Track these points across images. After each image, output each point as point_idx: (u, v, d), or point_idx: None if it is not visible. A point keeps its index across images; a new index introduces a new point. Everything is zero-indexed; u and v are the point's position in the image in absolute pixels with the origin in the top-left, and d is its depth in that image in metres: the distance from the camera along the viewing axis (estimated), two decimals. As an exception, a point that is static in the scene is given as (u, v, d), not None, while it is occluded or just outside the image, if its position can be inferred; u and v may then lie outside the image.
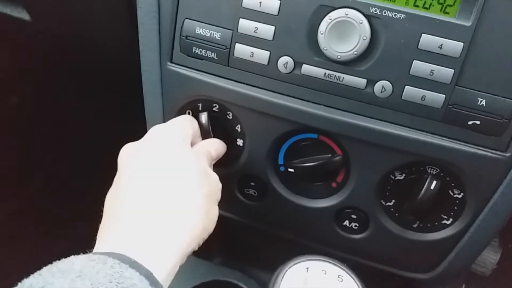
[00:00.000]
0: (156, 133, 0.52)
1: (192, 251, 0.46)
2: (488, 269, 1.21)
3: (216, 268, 0.80)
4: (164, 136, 0.52)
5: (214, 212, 0.50)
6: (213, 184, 0.52)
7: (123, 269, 0.38)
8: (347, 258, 0.60)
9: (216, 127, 0.60)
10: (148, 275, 0.39)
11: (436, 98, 0.49)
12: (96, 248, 0.42)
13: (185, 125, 0.55)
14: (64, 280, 0.35)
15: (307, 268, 0.45)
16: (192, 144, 0.54)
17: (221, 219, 0.71)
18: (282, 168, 0.61)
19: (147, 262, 0.40)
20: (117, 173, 0.49)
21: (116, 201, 0.46)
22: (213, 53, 0.56)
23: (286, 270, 0.45)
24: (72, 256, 0.39)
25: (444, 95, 0.49)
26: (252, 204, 0.65)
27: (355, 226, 0.60)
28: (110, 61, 0.78)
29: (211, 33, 0.55)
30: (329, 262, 0.45)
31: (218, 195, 0.53)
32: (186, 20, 0.56)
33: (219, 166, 0.64)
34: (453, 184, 0.54)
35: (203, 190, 0.48)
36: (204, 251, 0.80)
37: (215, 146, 0.58)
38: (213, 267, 0.79)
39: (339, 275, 0.44)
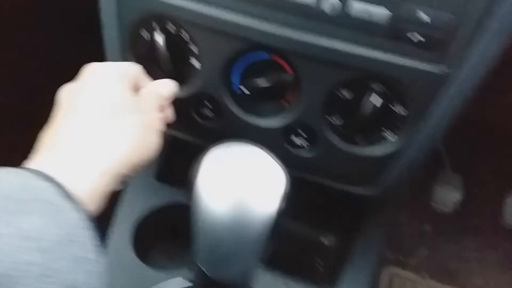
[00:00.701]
0: (92, 71, 0.52)
1: (123, 176, 0.47)
2: (449, 208, 1.26)
3: (176, 191, 0.82)
4: (99, 74, 0.51)
5: (152, 141, 0.51)
6: (150, 114, 0.52)
7: (30, 178, 0.37)
8: (296, 175, 0.62)
9: (171, 48, 0.60)
10: (59, 186, 0.38)
11: (382, 13, 0.50)
12: None
13: (124, 65, 0.55)
14: None
15: (232, 150, 0.47)
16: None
17: (179, 142, 0.73)
18: (236, 89, 0.63)
19: (63, 177, 0.40)
20: (54, 113, 0.49)
21: (48, 139, 0.46)
22: (164, -30, 0.56)
23: (211, 151, 0.47)
24: None
25: (390, 11, 0.50)
26: (208, 125, 0.67)
27: (304, 142, 0.63)
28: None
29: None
30: (251, 145, 0.47)
31: (156, 125, 0.53)
32: None
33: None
34: (396, 100, 0.56)
35: (136, 119, 0.49)
36: (168, 176, 0.83)
37: (166, 87, 0.58)
38: (173, 190, 0.81)
39: (258, 155, 0.46)
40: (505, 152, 1.16)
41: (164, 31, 0.60)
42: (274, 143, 0.63)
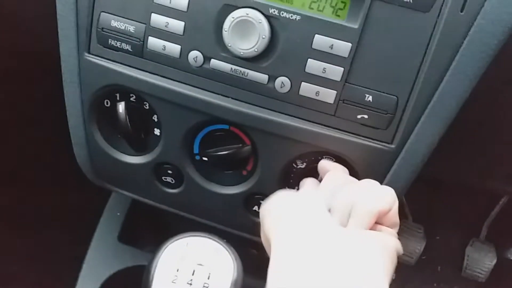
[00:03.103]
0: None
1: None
2: (413, 258, 1.29)
3: (142, 254, 0.82)
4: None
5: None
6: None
7: None
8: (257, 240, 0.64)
9: (133, 117, 0.62)
10: None
11: (328, 93, 0.54)
12: None
13: None
14: None
15: (187, 244, 0.48)
16: None
17: (141, 204, 0.74)
18: (197, 157, 0.65)
19: None
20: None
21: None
22: (127, 45, 0.58)
23: (166, 246, 0.48)
24: None
25: (336, 91, 0.53)
26: (169, 191, 0.68)
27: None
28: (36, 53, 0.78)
29: (125, 26, 0.57)
30: (209, 238, 0.48)
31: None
32: (102, 13, 0.58)
33: (137, 154, 0.66)
34: (348, 173, 0.59)
35: None
36: (130, 238, 0.83)
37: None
38: (139, 253, 0.81)
39: (216, 249, 0.47)
40: (464, 200, 1.20)
41: (126, 101, 0.62)
42: (234, 209, 0.65)
